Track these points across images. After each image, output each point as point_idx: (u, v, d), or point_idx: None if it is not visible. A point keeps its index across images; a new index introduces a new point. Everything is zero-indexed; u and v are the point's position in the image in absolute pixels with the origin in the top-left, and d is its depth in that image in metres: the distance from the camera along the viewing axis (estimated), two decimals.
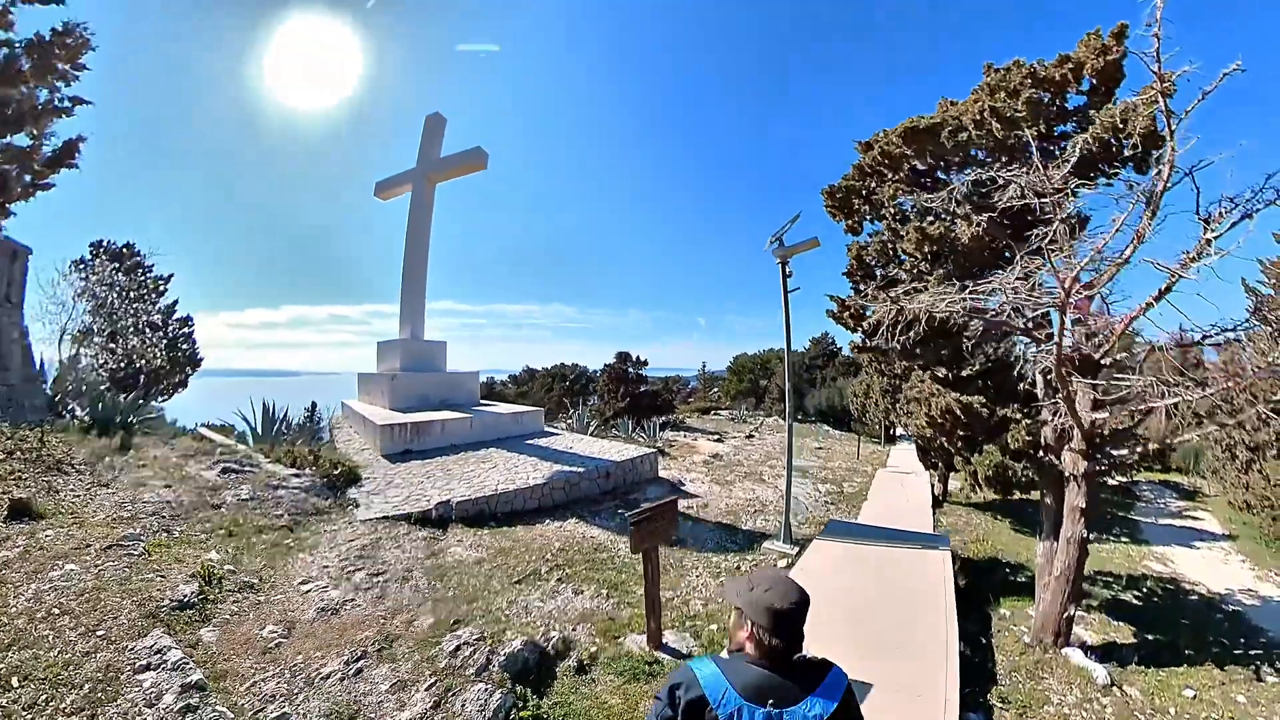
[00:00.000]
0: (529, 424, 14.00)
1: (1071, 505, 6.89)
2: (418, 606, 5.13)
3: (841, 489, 15.83)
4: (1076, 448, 6.80)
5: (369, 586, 5.40)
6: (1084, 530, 6.84)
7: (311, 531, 6.69)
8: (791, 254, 9.48)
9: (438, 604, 5.23)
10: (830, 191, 10.62)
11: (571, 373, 29.54)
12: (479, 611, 5.25)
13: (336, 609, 4.94)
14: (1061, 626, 7.00)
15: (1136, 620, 8.80)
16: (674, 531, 5.13)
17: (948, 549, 9.07)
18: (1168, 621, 9.05)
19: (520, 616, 5.39)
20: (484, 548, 6.98)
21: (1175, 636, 8.31)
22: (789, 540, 9.29)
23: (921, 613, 6.63)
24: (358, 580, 5.49)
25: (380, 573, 5.73)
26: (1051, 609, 7.11)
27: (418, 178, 15.48)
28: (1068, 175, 5.84)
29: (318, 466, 8.49)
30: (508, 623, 5.16)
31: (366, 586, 5.39)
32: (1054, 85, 8.37)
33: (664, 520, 5.06)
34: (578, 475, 10.15)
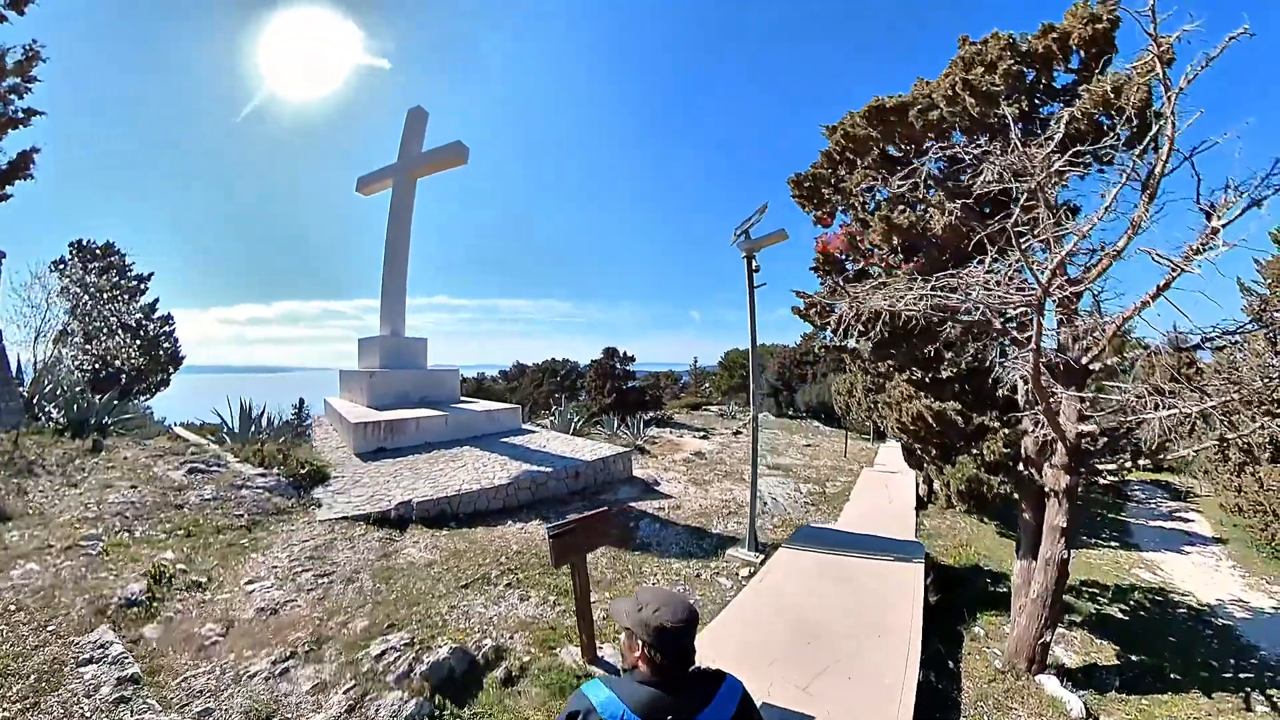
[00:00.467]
0: (505, 422, 14.18)
1: (1052, 524, 6.39)
2: (357, 609, 5.32)
3: (824, 489, 15.73)
4: (1059, 463, 6.29)
5: (312, 588, 5.59)
6: (1064, 551, 6.33)
7: (269, 531, 6.89)
8: (758, 247, 9.21)
9: (377, 607, 5.41)
10: (797, 180, 9.80)
11: (562, 368, 29.67)
12: (417, 616, 5.41)
13: (276, 609, 5.14)
14: (1036, 653, 6.57)
15: (1121, 637, 8.46)
16: (605, 541, 5.21)
17: (921, 561, 8.69)
18: (1154, 639, 8.82)
19: (459, 622, 5.52)
20: (439, 549, 7.16)
21: (1161, 656, 8.01)
22: (754, 547, 9.15)
23: (884, 634, 6.27)
24: (303, 581, 5.69)
25: (327, 574, 5.92)
26: (1026, 633, 6.64)
27: (399, 173, 15.61)
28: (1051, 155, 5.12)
29: (285, 466, 8.70)
30: (443, 629, 5.30)
31: (310, 588, 5.59)
32: (1038, 60, 7.65)
33: (590, 532, 5.08)
34: (545, 475, 10.30)
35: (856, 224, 9.16)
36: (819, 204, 9.80)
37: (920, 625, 6.48)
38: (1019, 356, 6.02)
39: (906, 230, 8.06)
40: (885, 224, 8.20)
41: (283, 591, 5.46)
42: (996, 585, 10.43)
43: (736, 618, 6.66)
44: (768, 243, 9.10)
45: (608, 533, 5.08)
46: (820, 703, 4.94)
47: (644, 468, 14.15)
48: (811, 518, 12.74)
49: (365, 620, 5.13)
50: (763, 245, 9.14)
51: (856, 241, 9.46)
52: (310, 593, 5.53)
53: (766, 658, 5.67)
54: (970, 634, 7.95)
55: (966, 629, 8.09)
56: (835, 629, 6.38)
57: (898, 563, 8.61)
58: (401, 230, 15.46)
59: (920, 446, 10.11)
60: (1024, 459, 7.18)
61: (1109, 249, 5.60)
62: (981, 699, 6.20)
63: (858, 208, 9.10)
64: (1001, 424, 8.12)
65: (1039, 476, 6.76)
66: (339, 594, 5.60)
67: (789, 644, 5.98)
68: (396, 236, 15.38)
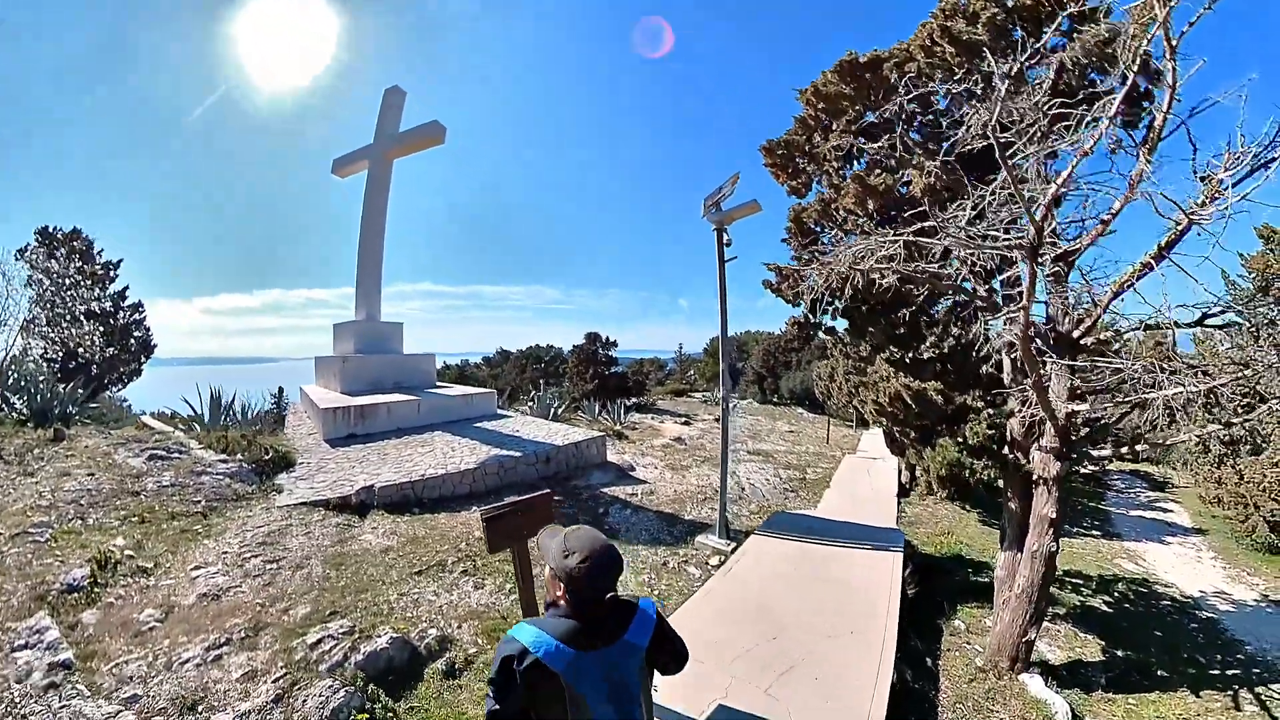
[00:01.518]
0: (480, 406, 14.16)
1: (1040, 514, 6.04)
2: (301, 596, 5.31)
3: (805, 475, 15.68)
4: (1049, 446, 5.88)
5: (260, 574, 5.58)
6: (1053, 543, 5.97)
7: (225, 518, 6.87)
8: (729, 220, 8.66)
9: (322, 594, 5.41)
10: (769, 148, 9.27)
11: (546, 354, 29.61)
12: (364, 603, 5.41)
13: (219, 595, 5.14)
14: (1020, 651, 6.25)
15: (1106, 631, 8.32)
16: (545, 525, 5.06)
17: (900, 550, 8.34)
18: (1140, 632, 8.67)
19: (407, 610, 5.51)
20: (397, 535, 7.15)
21: (1147, 651, 7.84)
22: (725, 534, 8.92)
23: (856, 630, 5.96)
24: (251, 567, 5.68)
25: (277, 560, 5.92)
26: (1009, 630, 6.31)
27: (375, 153, 15.42)
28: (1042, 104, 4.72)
29: (249, 452, 8.68)
30: (388, 617, 5.29)
31: (258, 574, 5.58)
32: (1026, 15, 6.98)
33: (531, 516, 4.77)
34: (514, 460, 10.28)
35: (830, 190, 8.52)
36: (793, 173, 9.24)
37: (896, 620, 6.21)
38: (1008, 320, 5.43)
39: (882, 193, 7.49)
40: (859, 185, 7.60)
41: (228, 578, 5.46)
42: (978, 575, 10.21)
43: (699, 610, 6.48)
44: (739, 214, 8.63)
45: (550, 517, 4.96)
46: (782, 706, 4.71)
47: (621, 453, 14.14)
48: (790, 504, 12.66)
49: (308, 607, 5.13)
50: (734, 218, 8.66)
51: (831, 209, 8.78)
52: (257, 579, 5.52)
53: (728, 654, 5.48)
54: (950, 628, 7.74)
55: (946, 622, 7.88)
56: (804, 624, 6.12)
57: (875, 552, 8.35)
58: (377, 212, 15.30)
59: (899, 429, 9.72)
60: (1010, 442, 6.83)
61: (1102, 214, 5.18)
62: (961, 700, 5.95)
63: (831, 173, 8.51)
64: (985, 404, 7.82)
65: (1026, 461, 6.44)
66: (286, 580, 5.59)
67: (753, 640, 5.77)
68: (372, 219, 15.23)
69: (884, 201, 7.61)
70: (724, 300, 9.21)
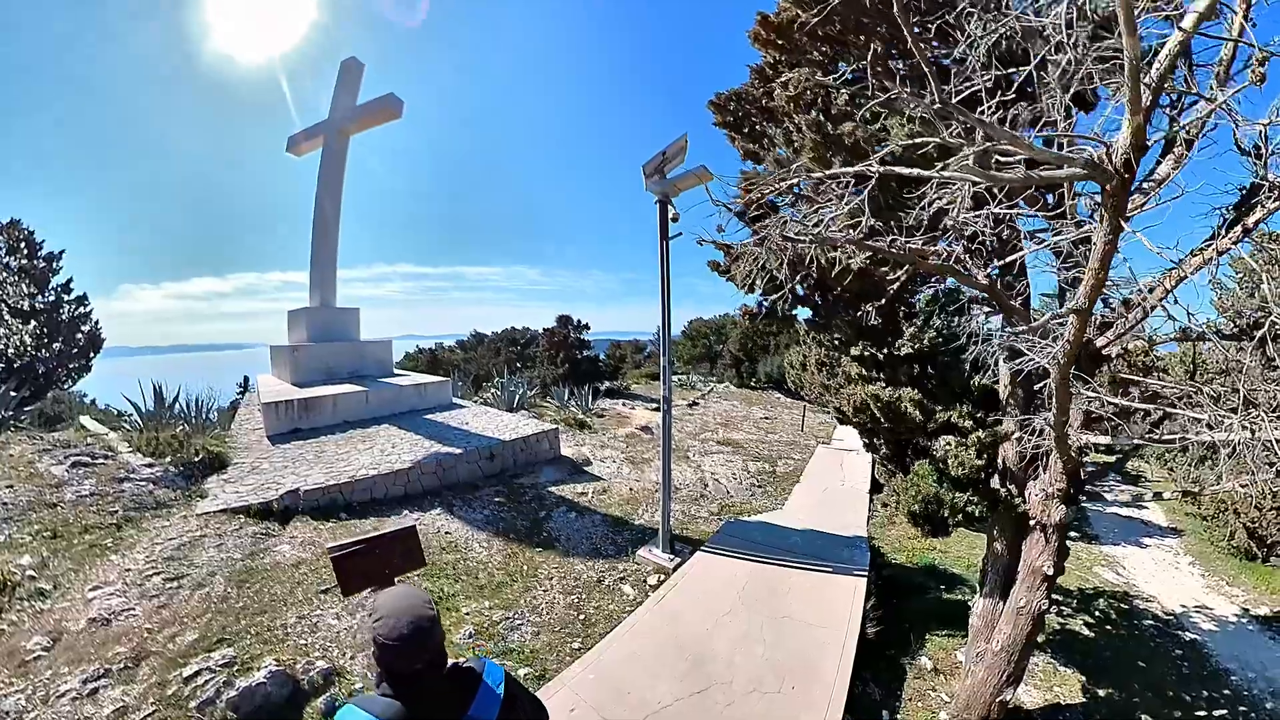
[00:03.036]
0: (434, 396, 14.10)
1: (1033, 565, 5.21)
2: (194, 619, 5.35)
3: (775, 469, 15.34)
4: (1052, 488, 4.98)
5: (157, 594, 5.63)
6: (1044, 600, 5.23)
7: (139, 529, 6.89)
8: (675, 191, 7.61)
9: (216, 617, 5.46)
10: (719, 103, 7.76)
11: (522, 337, 29.50)
12: (256, 628, 5.44)
13: (110, 619, 5.17)
14: (992, 712, 5.66)
15: (1087, 662, 7.96)
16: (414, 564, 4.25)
17: (864, 574, 7.65)
18: (1123, 663, 8.31)
19: (301, 637, 5.49)
20: (316, 546, 7.15)
21: (1131, 690, 7.46)
22: (669, 547, 8.28)
23: (799, 685, 5.30)
24: (150, 586, 5.72)
25: (180, 577, 5.96)
26: (983, 689, 5.68)
27: (330, 129, 15.03)
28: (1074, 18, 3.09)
29: (180, 454, 8.69)
30: (278, 645, 5.30)
31: (155, 594, 5.63)
32: None
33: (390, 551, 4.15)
34: (453, 458, 10.26)
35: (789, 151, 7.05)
36: (748, 134, 7.81)
37: (849, 672, 5.54)
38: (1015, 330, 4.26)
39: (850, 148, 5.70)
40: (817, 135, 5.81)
41: (124, 599, 5.50)
42: (951, 591, 9.86)
43: (619, 648, 5.90)
44: (686, 185, 7.58)
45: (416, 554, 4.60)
46: None
47: (579, 445, 14.09)
48: (755, 501, 12.30)
49: (196, 633, 5.17)
50: (680, 188, 7.61)
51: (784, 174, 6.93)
52: (153, 599, 5.57)
53: (641, 712, 4.88)
54: (915, 668, 7.27)
55: (911, 660, 7.38)
56: (739, 673, 5.44)
57: (836, 575, 7.64)
58: (332, 191, 14.99)
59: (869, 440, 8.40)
60: (1001, 472, 5.89)
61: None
62: None
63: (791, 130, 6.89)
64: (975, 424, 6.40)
65: (1020, 499, 5.59)
66: (183, 601, 5.63)
67: (675, 693, 5.14)
68: (327, 198, 14.92)
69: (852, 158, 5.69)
70: (667, 284, 8.31)
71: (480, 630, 6.27)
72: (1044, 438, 4.52)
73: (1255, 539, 12.87)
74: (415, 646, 1.83)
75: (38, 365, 15.59)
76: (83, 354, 17.45)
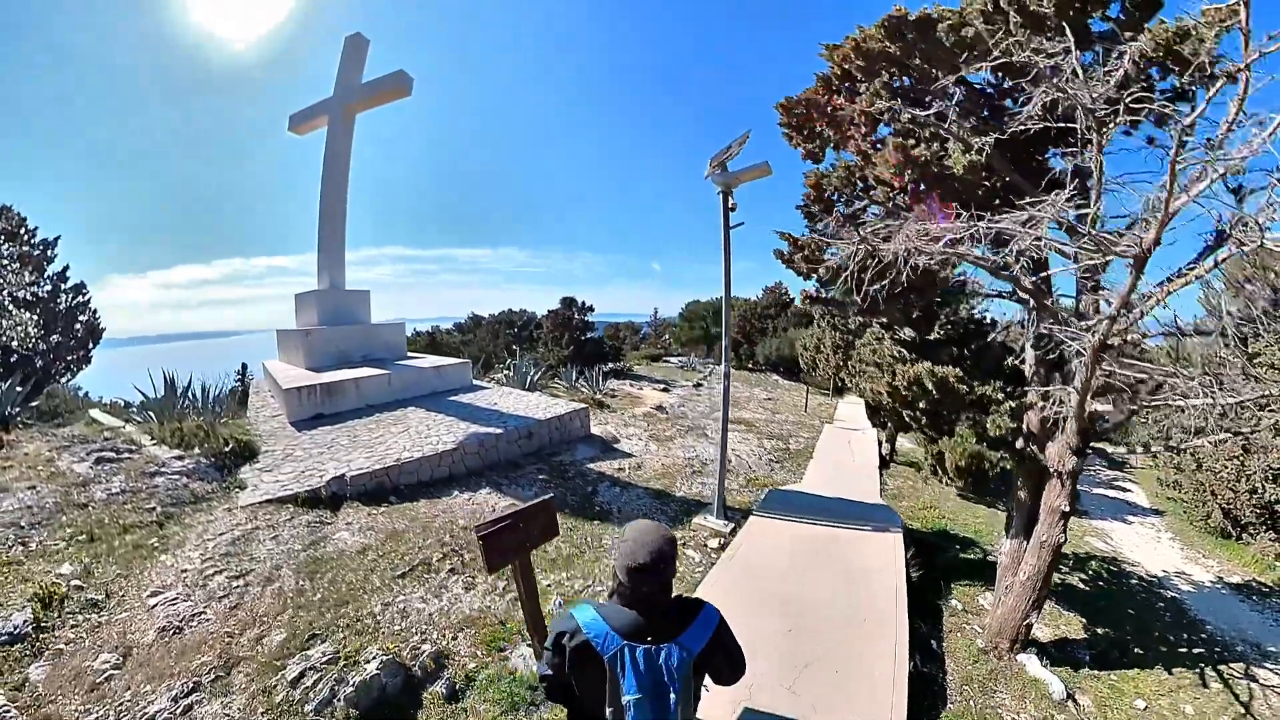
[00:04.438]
0: (454, 378, 13.51)
1: (1051, 506, 6.13)
2: (275, 617, 4.77)
3: (788, 445, 15.59)
4: (1068, 443, 5.87)
5: (225, 594, 5.01)
6: (1061, 535, 6.13)
7: (183, 525, 6.22)
8: (736, 182, 8.02)
9: (298, 612, 4.88)
10: (786, 106, 8.17)
11: (519, 319, 28.74)
12: (345, 620, 4.89)
13: (181, 626, 4.55)
14: (1020, 633, 6.51)
15: (1086, 608, 8.67)
16: (551, 534, 4.30)
17: (899, 531, 8.37)
18: (1115, 610, 9.04)
19: (394, 623, 5.02)
20: (375, 531, 6.61)
21: (1123, 629, 8.25)
22: (723, 514, 8.58)
23: (869, 617, 5.96)
24: (215, 586, 5.10)
25: (244, 574, 5.33)
26: (1012, 615, 6.51)
27: (335, 108, 14.23)
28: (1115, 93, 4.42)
29: (208, 444, 7.96)
30: (374, 634, 4.80)
31: (223, 594, 5.01)
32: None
33: (530, 525, 4.22)
34: (494, 437, 9.75)
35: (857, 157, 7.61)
36: (809, 136, 8.30)
37: (906, 607, 6.23)
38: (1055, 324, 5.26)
39: (923, 165, 6.52)
40: (901, 154, 6.52)
41: (190, 602, 4.86)
42: (966, 552, 10.45)
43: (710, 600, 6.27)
44: (748, 177, 8.00)
45: (552, 524, 4.39)
46: (805, 703, 4.58)
47: (603, 424, 13.69)
48: (776, 476, 12.57)
49: (283, 632, 4.60)
50: (742, 180, 8.02)
51: (854, 177, 7.90)
52: (222, 600, 4.95)
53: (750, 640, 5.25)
54: (948, 608, 7.76)
55: (944, 602, 7.88)
56: (817, 614, 6.00)
57: (875, 533, 8.27)
58: (338, 172, 14.21)
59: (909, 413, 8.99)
60: (1026, 434, 6.71)
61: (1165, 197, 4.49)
62: (967, 682, 6.05)
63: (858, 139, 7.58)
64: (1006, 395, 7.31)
65: (1041, 454, 6.36)
66: (255, 599, 5.03)
67: (769, 633, 5.57)
68: (333, 179, 14.14)
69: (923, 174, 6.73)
70: (728, 269, 8.60)
71: (568, 599, 5.99)
72: (1062, 406, 5.61)
73: (1230, 519, 13.69)
74: (654, 570, 2.08)
75: (36, 358, 14.53)
76: (81, 345, 16.30)
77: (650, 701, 2.03)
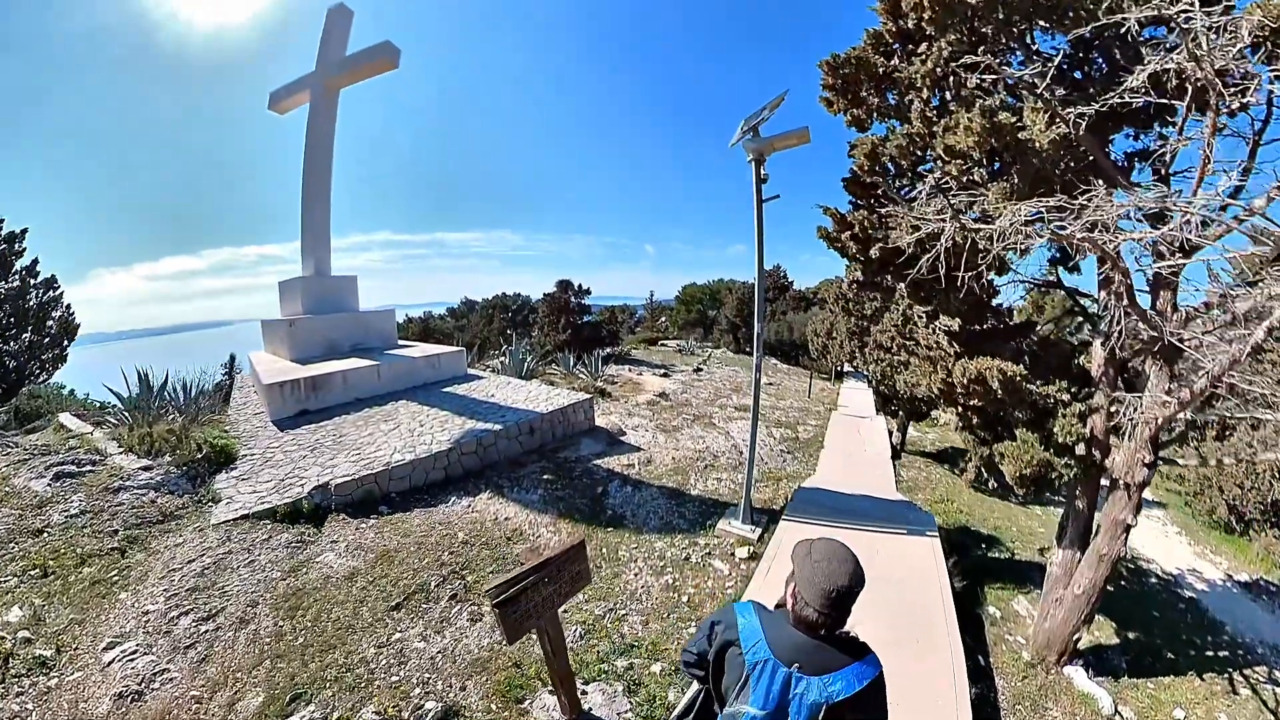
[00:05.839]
0: (448, 367, 12.79)
1: (1115, 518, 5.71)
2: (250, 671, 4.10)
3: (797, 434, 15.05)
4: (1138, 454, 5.43)
5: (192, 642, 4.32)
6: (1123, 548, 5.82)
7: (148, 551, 5.49)
8: (770, 149, 7.02)
9: (277, 663, 4.20)
10: (832, 65, 7.01)
11: (514, 303, 27.88)
12: (333, 669, 4.23)
13: (141, 690, 3.86)
14: (1068, 646, 6.27)
15: (1114, 611, 8.41)
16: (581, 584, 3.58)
17: (936, 535, 7.84)
18: (1141, 612, 8.89)
19: (390, 671, 4.34)
20: (364, 551, 5.93)
21: (1152, 633, 8.11)
22: (749, 519, 7.84)
23: (921, 639, 5.57)
24: (180, 632, 4.41)
25: (214, 614, 4.64)
26: (1062, 629, 6.23)
27: (317, 82, 13.26)
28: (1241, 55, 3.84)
29: (179, 451, 7.21)
30: (369, 687, 4.13)
31: (189, 642, 4.32)
32: None
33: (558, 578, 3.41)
34: (493, 434, 9.04)
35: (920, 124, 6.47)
36: (855, 101, 7.21)
37: (955, 622, 5.81)
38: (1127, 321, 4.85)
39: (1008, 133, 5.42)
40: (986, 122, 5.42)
41: (152, 656, 4.17)
42: (990, 550, 10.14)
43: None
44: (783, 144, 7.03)
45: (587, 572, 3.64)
46: None
47: (606, 414, 13.05)
48: (789, 467, 12.03)
49: (261, 692, 3.92)
50: (776, 147, 7.06)
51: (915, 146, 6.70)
52: (189, 651, 4.26)
53: None
54: (988, 617, 7.39)
55: (982, 611, 7.50)
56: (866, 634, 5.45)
57: (911, 537, 7.78)
58: (321, 151, 13.30)
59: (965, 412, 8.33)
60: (1089, 439, 6.15)
61: None
62: (1019, 700, 5.78)
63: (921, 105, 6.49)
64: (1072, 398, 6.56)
65: (1105, 462, 5.92)
66: (227, 647, 4.34)
67: None
68: (316, 159, 13.25)
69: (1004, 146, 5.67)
70: (761, 242, 7.54)
71: (589, 628, 5.33)
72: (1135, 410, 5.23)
73: (1235, 514, 13.89)
74: (835, 605, 1.94)
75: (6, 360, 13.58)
76: (55, 343, 15.27)
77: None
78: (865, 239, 7.06)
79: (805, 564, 2.01)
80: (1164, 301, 5.29)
